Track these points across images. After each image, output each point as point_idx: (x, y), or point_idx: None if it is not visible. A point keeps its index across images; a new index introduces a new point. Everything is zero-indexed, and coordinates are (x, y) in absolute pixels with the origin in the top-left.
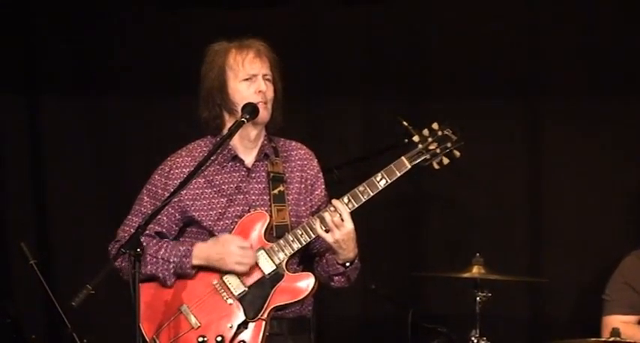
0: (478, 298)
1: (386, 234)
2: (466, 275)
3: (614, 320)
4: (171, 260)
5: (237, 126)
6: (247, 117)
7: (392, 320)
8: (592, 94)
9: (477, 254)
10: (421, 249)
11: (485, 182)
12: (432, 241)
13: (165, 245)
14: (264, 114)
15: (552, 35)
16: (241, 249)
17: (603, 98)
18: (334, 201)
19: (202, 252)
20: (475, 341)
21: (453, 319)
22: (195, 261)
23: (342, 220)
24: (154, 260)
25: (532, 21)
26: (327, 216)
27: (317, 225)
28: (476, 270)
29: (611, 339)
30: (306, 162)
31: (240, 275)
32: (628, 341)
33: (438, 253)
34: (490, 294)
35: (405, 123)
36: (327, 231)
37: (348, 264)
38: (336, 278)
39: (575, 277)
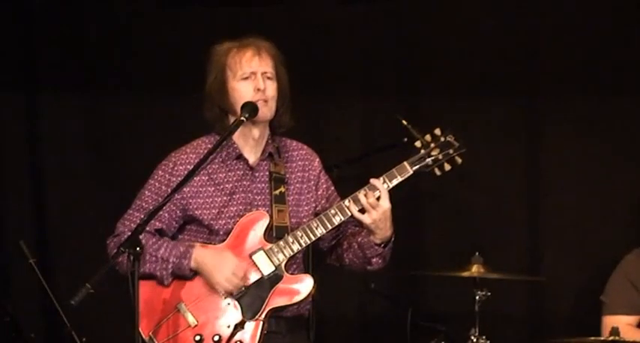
0: (477, 297)
1: None
2: (465, 274)
3: (615, 321)
4: (170, 260)
5: (237, 125)
6: (246, 116)
7: (391, 319)
8: (592, 94)
9: (477, 253)
10: (420, 247)
11: (485, 181)
12: (432, 240)
13: (165, 244)
14: (264, 111)
15: (552, 35)
16: (233, 275)
17: (603, 98)
18: (373, 181)
19: (200, 256)
20: (474, 340)
21: (452, 318)
22: (193, 264)
23: (378, 199)
24: (153, 259)
25: (532, 20)
26: (361, 197)
27: (351, 206)
28: (475, 269)
29: (610, 338)
30: (307, 163)
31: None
32: (627, 340)
33: (437, 252)
34: (489, 293)
35: (404, 122)
36: (362, 212)
37: (384, 244)
38: (374, 260)
39: (574, 276)
